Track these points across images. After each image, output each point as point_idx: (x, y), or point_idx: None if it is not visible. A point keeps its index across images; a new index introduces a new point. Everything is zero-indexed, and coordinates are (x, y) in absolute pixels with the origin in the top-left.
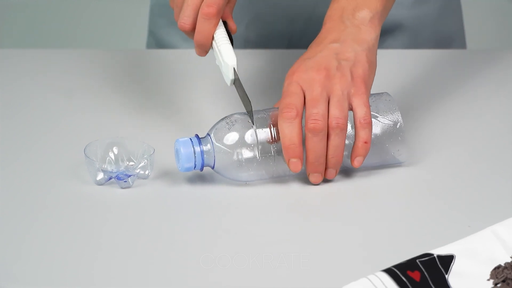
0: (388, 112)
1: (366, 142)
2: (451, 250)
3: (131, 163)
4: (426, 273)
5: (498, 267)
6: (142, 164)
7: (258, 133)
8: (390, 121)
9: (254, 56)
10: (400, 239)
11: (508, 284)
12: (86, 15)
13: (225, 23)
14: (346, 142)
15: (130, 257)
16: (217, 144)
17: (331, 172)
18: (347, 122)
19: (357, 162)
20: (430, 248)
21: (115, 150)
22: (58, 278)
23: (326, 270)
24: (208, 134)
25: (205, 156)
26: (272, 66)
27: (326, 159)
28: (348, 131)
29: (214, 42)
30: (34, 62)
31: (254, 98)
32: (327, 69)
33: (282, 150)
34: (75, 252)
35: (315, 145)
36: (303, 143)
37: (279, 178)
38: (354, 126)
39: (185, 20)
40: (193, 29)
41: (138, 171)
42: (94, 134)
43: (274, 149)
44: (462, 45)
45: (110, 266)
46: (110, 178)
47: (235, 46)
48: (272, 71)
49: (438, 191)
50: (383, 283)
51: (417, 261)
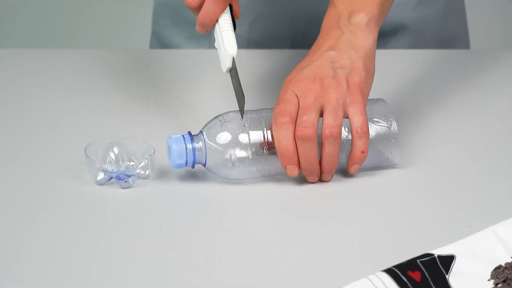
0: (382, 115)
1: (363, 152)
2: (452, 250)
3: (132, 163)
4: (426, 273)
5: (499, 267)
6: (142, 164)
7: (251, 132)
8: (384, 124)
9: (257, 56)
10: (400, 239)
11: (508, 284)
12: (89, 15)
13: (230, 7)
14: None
15: (130, 257)
16: (208, 142)
17: (327, 176)
18: (341, 131)
19: (353, 170)
20: (431, 248)
21: (116, 150)
22: (58, 278)
23: (326, 270)
24: (200, 132)
25: (197, 153)
26: (275, 66)
27: (321, 165)
28: (344, 135)
29: (217, 25)
30: (34, 62)
31: (256, 98)
32: (322, 79)
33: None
34: (75, 252)
35: (305, 152)
36: None
37: (274, 177)
38: (351, 136)
39: None
40: (199, 7)
41: (138, 171)
42: (94, 134)
43: (266, 148)
44: (465, 45)
45: (110, 266)
46: (111, 178)
47: (238, 46)
48: (274, 71)
49: (438, 191)
50: (384, 283)
51: (417, 261)
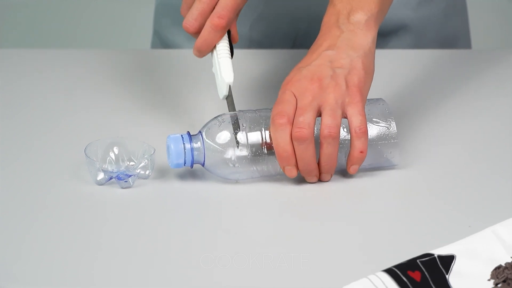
0: (381, 115)
1: (362, 152)
2: (452, 250)
3: (132, 163)
4: (426, 273)
5: (499, 267)
6: (142, 164)
7: (249, 134)
8: (384, 124)
9: (258, 56)
10: (400, 239)
11: (508, 284)
12: (90, 15)
13: (228, 32)
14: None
15: (130, 257)
16: (207, 141)
17: (326, 176)
18: (339, 131)
19: (352, 170)
20: (431, 248)
21: (116, 150)
22: (58, 278)
23: (326, 270)
24: (199, 132)
25: (195, 153)
26: (276, 66)
27: (320, 165)
28: (343, 136)
29: (215, 51)
30: (34, 62)
31: (256, 98)
32: (321, 79)
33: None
34: (75, 252)
35: (302, 153)
36: None
37: (273, 177)
38: (350, 136)
39: (191, 23)
40: (196, 32)
41: (138, 171)
42: (94, 134)
43: (265, 149)
44: (467, 45)
45: (110, 266)
46: (111, 178)
47: (240, 46)
48: (275, 71)
49: (438, 191)
50: (384, 283)
51: (417, 261)
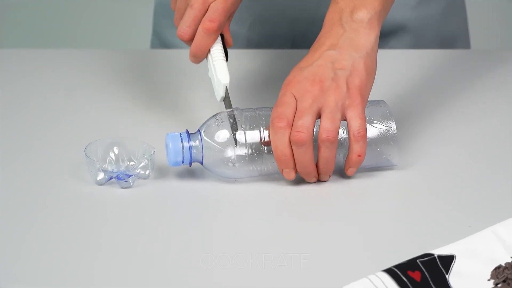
0: (382, 117)
1: (359, 156)
2: (452, 250)
3: (132, 163)
4: (426, 273)
5: (499, 267)
6: (142, 164)
7: (248, 132)
8: (384, 127)
9: (256, 56)
10: (400, 239)
11: (508, 284)
12: (89, 15)
13: (221, 36)
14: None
15: (130, 257)
16: (205, 140)
17: (324, 177)
18: (338, 135)
19: (350, 172)
20: (431, 248)
21: (116, 150)
22: (58, 278)
23: (326, 270)
24: (198, 130)
25: (194, 151)
26: (274, 67)
27: (318, 168)
28: (342, 136)
29: (209, 56)
30: (34, 62)
31: (255, 98)
32: (322, 80)
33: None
34: (75, 252)
35: (300, 156)
36: None
37: (272, 176)
38: (349, 139)
39: (184, 30)
40: (191, 39)
41: (138, 171)
42: (94, 134)
43: (263, 147)
44: (466, 45)
45: (110, 266)
46: (111, 178)
47: (238, 47)
48: (274, 72)
49: (438, 192)
50: (384, 283)
51: (417, 261)
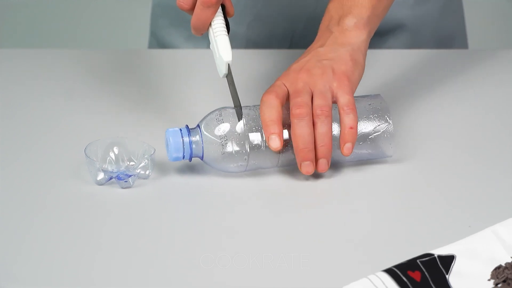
0: (378, 110)
1: (352, 128)
2: (452, 250)
3: (132, 163)
4: (426, 273)
5: (499, 267)
6: (142, 164)
7: (247, 126)
8: (380, 119)
9: (255, 56)
10: (400, 239)
11: (508, 284)
12: (88, 16)
13: (222, 6)
14: (335, 133)
15: (130, 257)
16: (205, 134)
17: (323, 162)
18: (331, 110)
19: (346, 150)
20: (431, 248)
21: (116, 150)
22: (58, 278)
23: (326, 270)
24: (198, 125)
25: (194, 146)
26: (273, 66)
27: (316, 149)
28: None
29: (211, 29)
30: (34, 62)
31: (254, 98)
32: (308, 69)
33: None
34: (75, 252)
35: (302, 130)
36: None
37: (271, 174)
38: (339, 114)
39: (184, 0)
40: (191, 8)
41: (138, 171)
42: (94, 134)
43: (263, 142)
44: (463, 44)
45: (110, 266)
46: (111, 178)
47: (237, 46)
48: (273, 72)
49: (438, 191)
50: (384, 283)
51: (417, 261)
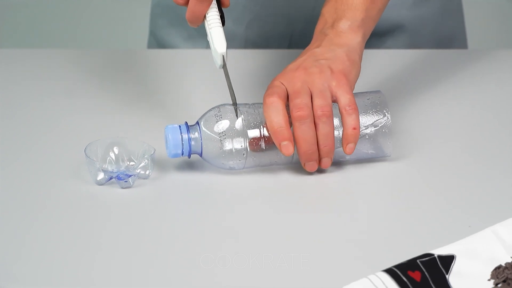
0: (377, 106)
1: (354, 128)
2: (452, 250)
3: (132, 163)
4: (426, 273)
5: (499, 267)
6: (142, 164)
7: (247, 123)
8: (379, 115)
9: (254, 56)
10: (400, 239)
11: (508, 284)
12: (87, 16)
13: None
14: (336, 134)
15: (130, 257)
16: (204, 131)
17: (326, 161)
18: (332, 110)
19: (349, 149)
20: (431, 248)
21: (116, 150)
22: (58, 278)
23: (326, 270)
24: (197, 122)
25: (193, 143)
26: (272, 66)
27: (319, 148)
28: (335, 124)
29: (206, 22)
30: (34, 62)
31: (253, 98)
32: (305, 67)
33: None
34: (75, 252)
35: (304, 133)
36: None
37: (271, 172)
38: (340, 115)
39: None
40: (186, 3)
41: (138, 171)
42: (94, 134)
43: (262, 139)
44: (463, 45)
45: (110, 266)
46: (111, 178)
47: (236, 46)
48: (272, 71)
49: (438, 191)
50: (384, 283)
51: (417, 261)
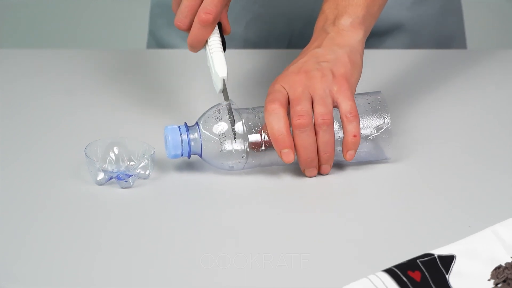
0: (377, 109)
1: (355, 136)
2: (452, 250)
3: (132, 163)
4: (426, 273)
5: (499, 267)
6: (142, 164)
7: (246, 123)
8: (379, 118)
9: (253, 56)
10: (400, 239)
11: (508, 284)
12: (87, 15)
13: (219, 24)
14: (336, 137)
15: (130, 257)
16: (204, 131)
17: (326, 167)
18: (333, 118)
19: (349, 156)
20: (431, 248)
21: (116, 150)
22: (58, 278)
23: (326, 270)
24: (196, 123)
25: (192, 144)
26: (271, 66)
27: (319, 155)
28: (336, 128)
29: (207, 46)
30: (34, 62)
31: (252, 98)
32: (307, 71)
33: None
34: (75, 252)
35: (304, 141)
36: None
37: (271, 173)
38: (341, 121)
39: (181, 20)
40: (188, 29)
41: (138, 171)
42: (94, 134)
43: (263, 142)
44: (462, 45)
45: (110, 266)
46: (111, 178)
47: (235, 46)
48: (271, 71)
49: (438, 191)
50: (384, 283)
51: (417, 261)
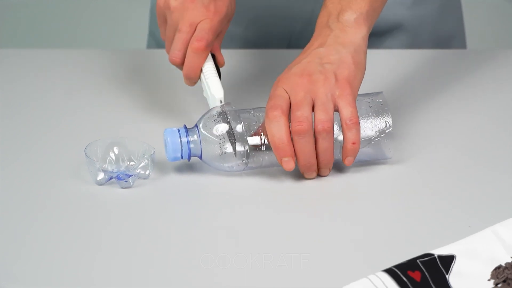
0: (378, 110)
1: (354, 143)
2: (452, 250)
3: (132, 163)
4: (426, 273)
5: (499, 267)
6: (142, 164)
7: (245, 126)
8: (379, 119)
9: (253, 56)
10: (400, 239)
11: (508, 284)
12: (87, 16)
13: (213, 56)
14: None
15: (130, 257)
16: (203, 134)
17: (325, 171)
18: (333, 125)
19: (348, 162)
20: (431, 248)
21: (116, 150)
22: (58, 278)
23: (326, 270)
24: (196, 125)
25: (192, 146)
26: (271, 66)
27: (318, 161)
28: (336, 131)
29: (202, 75)
30: (34, 62)
31: (252, 98)
32: (310, 74)
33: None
34: (75, 252)
35: (303, 147)
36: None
37: (271, 174)
38: (341, 128)
39: (176, 54)
40: (183, 62)
41: (138, 171)
42: (94, 134)
43: (263, 145)
44: (462, 45)
45: (110, 266)
46: (111, 178)
47: (235, 46)
48: (271, 71)
49: (439, 191)
50: (384, 283)
51: (417, 261)
